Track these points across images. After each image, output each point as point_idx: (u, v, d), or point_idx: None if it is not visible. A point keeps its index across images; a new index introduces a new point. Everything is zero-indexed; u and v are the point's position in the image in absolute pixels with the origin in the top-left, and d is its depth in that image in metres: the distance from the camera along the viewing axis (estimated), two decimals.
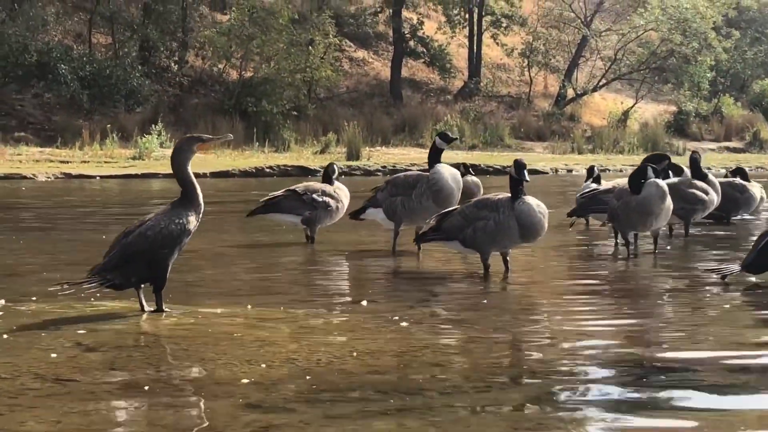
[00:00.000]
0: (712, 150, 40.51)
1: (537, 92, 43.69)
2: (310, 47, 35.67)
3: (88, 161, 26.59)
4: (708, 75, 42.43)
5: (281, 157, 29.83)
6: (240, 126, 33.22)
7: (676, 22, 41.06)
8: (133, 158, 27.70)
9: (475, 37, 41.91)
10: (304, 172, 25.69)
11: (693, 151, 10.35)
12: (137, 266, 5.39)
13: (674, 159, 9.15)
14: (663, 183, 8.20)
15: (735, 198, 11.16)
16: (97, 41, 36.18)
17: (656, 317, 5.95)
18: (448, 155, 11.49)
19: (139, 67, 33.72)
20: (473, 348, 4.91)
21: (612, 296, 6.73)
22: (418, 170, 10.60)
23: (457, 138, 9.14)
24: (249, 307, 5.82)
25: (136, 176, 24.28)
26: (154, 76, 35.23)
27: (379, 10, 43.21)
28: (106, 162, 26.76)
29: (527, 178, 7.15)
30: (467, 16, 42.12)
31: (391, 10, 41.39)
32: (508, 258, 7.44)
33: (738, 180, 11.19)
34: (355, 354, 4.64)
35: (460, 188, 8.65)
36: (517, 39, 43.46)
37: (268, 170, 26.25)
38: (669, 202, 8.19)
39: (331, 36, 36.60)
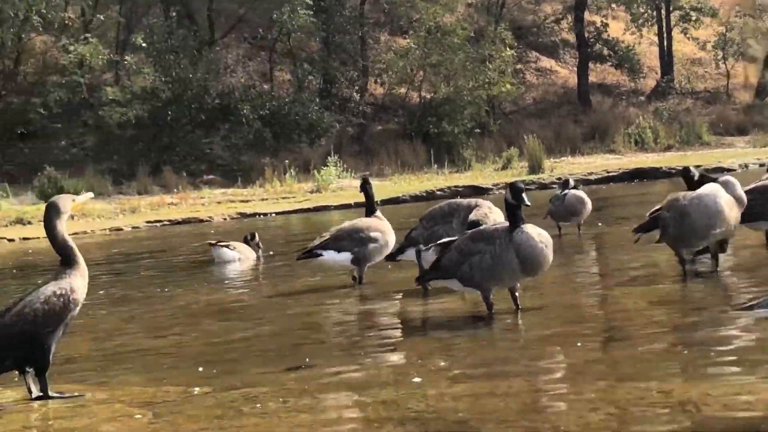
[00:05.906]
0: None
1: (736, 84, 41.31)
2: (487, 63, 35.15)
3: (267, 198, 27.08)
4: None
5: (460, 177, 29.37)
6: (421, 149, 33.16)
7: None
8: (311, 192, 27.99)
9: (665, 34, 40.17)
10: (477, 192, 25.04)
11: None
12: (14, 348, 4.87)
13: None
14: None
15: None
16: (282, 79, 36.96)
17: None
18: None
19: (317, 100, 34.00)
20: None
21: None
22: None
23: None
24: None
25: (308, 210, 24.33)
26: (336, 108, 35.47)
27: (560, 17, 42.17)
28: (283, 198, 27.08)
29: (527, 202, 6.42)
30: (654, 13, 40.47)
31: (572, 16, 40.29)
32: (516, 294, 6.69)
33: None
34: None
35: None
36: (710, 31, 41.34)
37: (439, 193, 25.74)
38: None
39: (508, 49, 35.89)
